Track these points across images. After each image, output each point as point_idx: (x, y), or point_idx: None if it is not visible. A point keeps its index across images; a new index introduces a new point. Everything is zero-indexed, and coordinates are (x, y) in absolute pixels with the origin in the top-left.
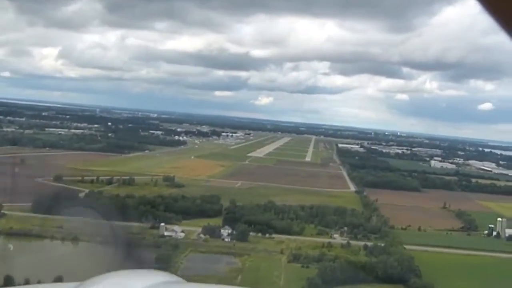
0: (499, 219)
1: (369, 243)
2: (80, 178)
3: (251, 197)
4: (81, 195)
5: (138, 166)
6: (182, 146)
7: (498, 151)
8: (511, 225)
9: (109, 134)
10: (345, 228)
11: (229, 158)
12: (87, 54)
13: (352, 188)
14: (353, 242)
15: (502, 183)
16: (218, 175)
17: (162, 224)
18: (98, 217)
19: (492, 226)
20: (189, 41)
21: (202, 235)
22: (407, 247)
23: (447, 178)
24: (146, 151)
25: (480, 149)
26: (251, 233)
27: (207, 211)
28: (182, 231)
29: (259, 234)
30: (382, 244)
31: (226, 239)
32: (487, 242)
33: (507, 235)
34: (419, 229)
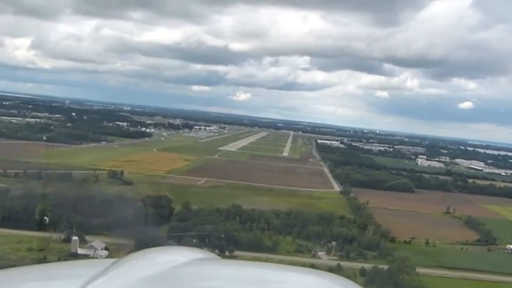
0: None
1: (367, 265)
2: (1, 171)
3: (213, 199)
4: None
5: (86, 159)
6: (146, 138)
7: (481, 150)
8: None
9: (68, 124)
10: (333, 243)
11: (197, 151)
12: (60, 45)
13: (337, 187)
14: (345, 264)
15: (501, 184)
16: (179, 171)
17: (75, 237)
18: None
19: None
20: (166, 33)
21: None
22: (419, 270)
23: (442, 177)
24: (103, 142)
25: (462, 147)
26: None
27: (149, 217)
28: (106, 248)
29: (216, 251)
30: (385, 267)
31: None
32: None
33: None
34: (427, 242)
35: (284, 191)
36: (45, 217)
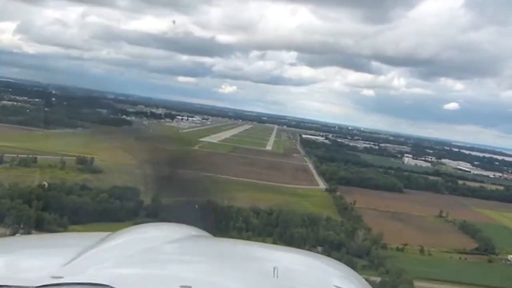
0: None
1: None
2: None
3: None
4: None
5: (56, 144)
6: (125, 126)
7: (465, 151)
8: None
9: (45, 109)
10: (319, 249)
11: (176, 141)
12: (46, 30)
13: (322, 184)
14: None
15: (492, 187)
16: None
17: (18, 235)
18: None
19: None
20: (153, 22)
21: None
22: (417, 284)
23: (431, 178)
24: (79, 128)
25: (447, 148)
26: None
27: (113, 211)
28: None
29: None
30: (377, 279)
31: None
32: None
33: None
34: (422, 250)
35: (265, 187)
36: None
